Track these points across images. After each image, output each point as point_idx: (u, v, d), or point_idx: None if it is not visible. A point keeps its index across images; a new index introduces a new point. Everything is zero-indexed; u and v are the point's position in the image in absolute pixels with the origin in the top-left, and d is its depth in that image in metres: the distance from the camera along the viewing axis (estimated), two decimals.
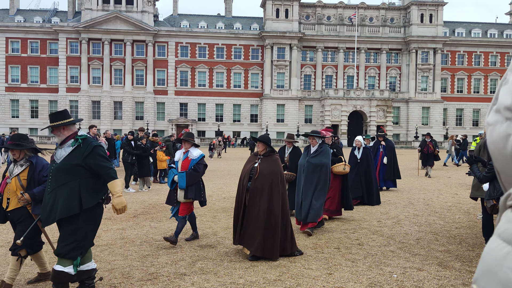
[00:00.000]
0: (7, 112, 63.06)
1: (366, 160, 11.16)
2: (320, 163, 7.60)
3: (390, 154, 13.66)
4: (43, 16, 65.99)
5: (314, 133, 7.91)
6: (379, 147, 13.75)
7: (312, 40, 66.20)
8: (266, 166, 6.14)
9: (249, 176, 6.20)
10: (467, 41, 67.95)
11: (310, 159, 7.67)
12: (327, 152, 7.75)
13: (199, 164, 6.88)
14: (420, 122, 66.30)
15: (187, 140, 7.04)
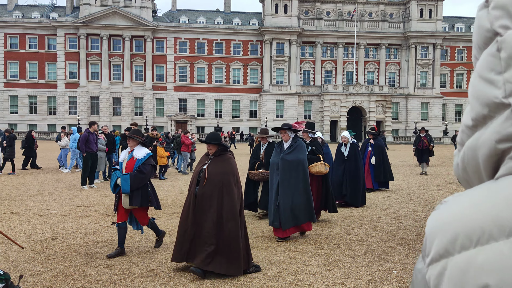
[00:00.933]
0: (6, 108, 62.94)
1: (354, 157, 10.31)
2: (296, 160, 6.78)
3: (379, 153, 12.62)
4: (41, 11, 65.73)
5: (286, 126, 6.99)
6: (368, 146, 12.84)
7: (311, 36, 66.06)
8: (216, 168, 5.33)
9: (197, 180, 5.39)
10: (466, 36, 67.84)
11: (284, 156, 6.77)
12: (302, 147, 6.96)
13: (145, 165, 6.05)
14: (420, 118, 66.29)
15: (132, 137, 6.18)
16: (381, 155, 12.63)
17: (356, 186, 10.07)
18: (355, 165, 10.25)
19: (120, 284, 4.92)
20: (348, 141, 10.40)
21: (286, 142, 6.92)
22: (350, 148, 10.35)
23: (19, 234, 7.21)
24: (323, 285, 4.94)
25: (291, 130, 6.97)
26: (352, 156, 10.27)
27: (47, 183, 14.12)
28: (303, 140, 7.75)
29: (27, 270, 5.39)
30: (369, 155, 12.68)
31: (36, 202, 10.48)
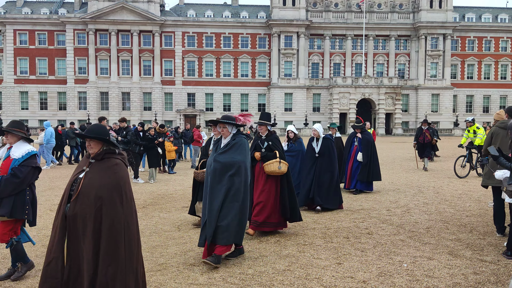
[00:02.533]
0: (17, 104, 63.54)
1: (327, 153, 8.85)
2: (231, 162, 5.37)
3: (367, 150, 10.95)
4: (50, 7, 66.05)
5: (225, 119, 5.59)
6: (354, 141, 11.22)
7: (319, 28, 65.61)
8: (94, 178, 3.70)
9: (69, 193, 3.80)
10: (477, 26, 66.91)
11: (217, 156, 5.43)
12: (241, 146, 5.51)
13: (23, 167, 4.77)
14: (430, 110, 65.68)
15: (10, 132, 4.93)
16: (369, 151, 10.97)
17: (329, 186, 8.73)
18: (328, 163, 8.80)
19: None
20: (319, 135, 8.96)
21: (225, 138, 5.59)
22: (322, 143, 8.89)
23: (30, 230, 7.27)
24: (332, 279, 4.93)
25: (231, 124, 5.56)
26: (325, 152, 8.83)
27: (58, 178, 14.25)
28: (258, 135, 7.09)
29: (37, 265, 5.43)
30: (355, 150, 11.10)
31: (47, 197, 10.57)
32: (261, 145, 6.93)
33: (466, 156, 14.61)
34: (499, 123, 7.11)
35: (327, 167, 8.79)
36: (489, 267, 5.33)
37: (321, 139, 8.96)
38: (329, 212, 8.65)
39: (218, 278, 4.95)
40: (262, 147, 6.86)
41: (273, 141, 6.94)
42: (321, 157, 8.83)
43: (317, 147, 8.90)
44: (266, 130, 7.04)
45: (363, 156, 10.87)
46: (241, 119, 5.69)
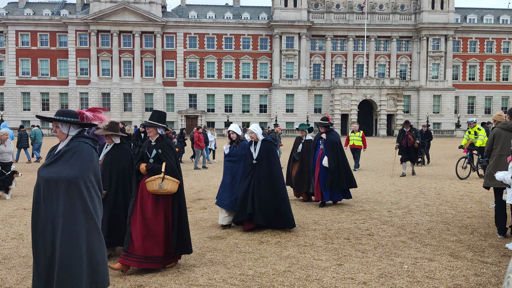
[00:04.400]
0: (19, 105, 63.69)
1: (265, 160, 7.23)
2: (56, 178, 3.62)
3: (333, 152, 9.25)
4: (52, 8, 66.23)
5: (61, 114, 3.94)
6: (319, 143, 9.50)
7: (321, 29, 65.63)
8: None
9: None
10: (479, 27, 66.85)
11: (41, 169, 3.75)
12: (76, 154, 3.72)
13: None
14: (431, 111, 65.63)
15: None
16: (335, 154, 9.29)
17: (271, 200, 7.11)
18: (268, 171, 7.18)
19: (129, 279, 4.94)
20: (257, 138, 7.38)
21: (62, 142, 3.92)
22: (261, 147, 7.30)
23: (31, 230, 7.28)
24: (332, 280, 4.92)
25: (68, 123, 3.89)
26: (264, 158, 7.21)
27: None
28: (147, 141, 5.44)
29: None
30: (321, 154, 9.40)
31: None
32: (149, 153, 5.32)
33: (467, 158, 14.56)
34: (501, 124, 7.10)
35: (266, 176, 7.14)
36: (490, 268, 5.32)
37: (260, 142, 7.35)
38: (329, 213, 8.64)
39: (219, 279, 4.95)
40: (150, 157, 5.29)
41: (163, 148, 5.29)
42: (259, 164, 7.19)
43: (255, 152, 7.29)
44: (156, 133, 5.38)
45: (328, 161, 9.17)
46: (88, 116, 4.02)
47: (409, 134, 15.01)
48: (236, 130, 7.55)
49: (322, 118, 9.82)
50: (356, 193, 11.19)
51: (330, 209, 9.04)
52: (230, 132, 7.57)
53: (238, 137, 7.55)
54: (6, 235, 6.96)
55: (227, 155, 7.53)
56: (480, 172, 14.62)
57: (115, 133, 5.80)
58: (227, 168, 7.48)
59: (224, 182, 7.48)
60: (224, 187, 7.43)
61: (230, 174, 7.42)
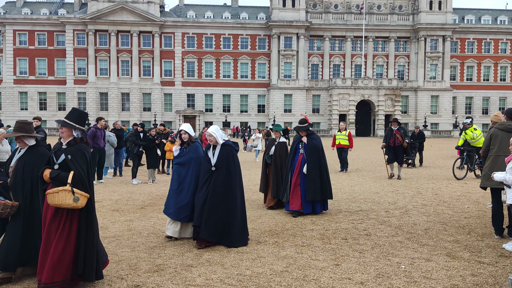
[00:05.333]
0: (16, 105, 63.53)
1: (224, 167, 6.30)
2: None
3: (315, 158, 8.29)
4: (50, 8, 66.09)
5: None
6: (299, 147, 8.47)
7: (319, 29, 65.68)
8: None
9: None
10: (476, 28, 67.00)
11: None
12: None
13: None
14: (429, 111, 65.76)
15: None
16: (317, 160, 8.31)
17: (226, 215, 6.22)
18: (225, 180, 6.27)
19: (127, 279, 4.93)
20: (216, 142, 6.41)
21: None
22: (220, 152, 6.36)
23: None
24: (329, 280, 4.92)
25: None
26: (222, 165, 6.29)
27: None
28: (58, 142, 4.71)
29: None
30: (300, 160, 8.39)
31: None
32: (55, 158, 4.58)
33: (464, 158, 14.55)
34: (497, 124, 7.12)
35: (222, 186, 6.22)
36: (487, 268, 5.33)
37: (219, 146, 6.40)
38: (327, 214, 8.65)
39: (216, 279, 4.94)
40: (56, 162, 4.56)
41: (74, 154, 4.55)
42: (217, 172, 6.26)
43: (213, 157, 6.36)
44: (70, 135, 4.66)
45: (307, 168, 8.27)
46: None
47: (397, 133, 13.94)
48: (188, 130, 6.77)
49: (300, 121, 8.56)
50: (354, 193, 11.20)
51: (328, 209, 9.04)
52: (181, 132, 6.75)
53: (190, 138, 6.77)
54: None
55: (176, 157, 6.73)
56: (477, 172, 14.64)
57: (27, 134, 4.87)
58: (175, 173, 6.69)
59: (170, 188, 6.72)
60: (170, 193, 6.67)
61: (176, 179, 6.61)
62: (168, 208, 6.59)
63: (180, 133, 6.77)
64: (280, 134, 9.37)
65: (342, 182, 13.61)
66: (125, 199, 10.47)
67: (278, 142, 9.27)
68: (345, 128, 16.64)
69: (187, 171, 6.58)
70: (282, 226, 7.54)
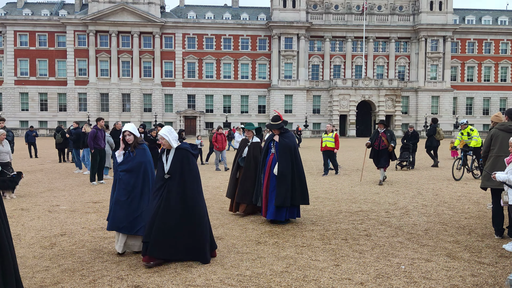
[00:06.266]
0: (17, 105, 63.61)
1: (178, 174, 5.46)
2: None
3: (286, 158, 7.48)
4: (51, 9, 66.19)
5: None
6: (270, 147, 7.78)
7: (319, 30, 65.71)
8: None
9: None
10: (477, 28, 67.00)
11: None
12: None
13: None
14: (430, 112, 65.76)
15: None
16: (289, 161, 7.50)
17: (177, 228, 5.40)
18: (180, 189, 5.45)
19: (127, 280, 4.94)
20: (169, 146, 5.54)
21: None
22: (174, 157, 5.51)
23: (28, 230, 7.28)
24: (329, 280, 4.92)
25: None
26: (176, 172, 5.46)
27: (57, 180, 14.25)
28: None
29: (35, 266, 5.43)
30: (271, 160, 7.66)
31: (46, 198, 10.57)
32: None
33: (461, 159, 14.48)
34: (498, 125, 7.11)
35: (176, 196, 5.42)
36: (487, 269, 5.33)
37: (173, 150, 5.56)
38: (327, 214, 8.65)
39: (216, 279, 4.95)
40: None
41: None
42: (171, 180, 5.47)
43: (166, 163, 5.54)
44: None
45: (278, 169, 7.46)
46: None
47: (383, 135, 12.95)
48: (133, 130, 5.80)
49: (273, 118, 7.78)
50: (354, 194, 11.21)
51: (328, 210, 9.05)
52: (125, 134, 5.78)
53: (135, 140, 5.82)
54: None
55: (121, 163, 5.79)
56: (475, 173, 14.62)
57: None
58: (122, 182, 5.72)
59: (117, 198, 5.75)
60: (119, 204, 5.73)
61: (125, 188, 5.71)
62: (118, 222, 5.69)
63: (124, 134, 5.79)
64: (253, 133, 8.63)
65: (343, 183, 13.61)
66: None
67: (252, 143, 8.54)
68: (331, 129, 15.69)
69: (137, 178, 5.75)
70: (282, 226, 7.55)
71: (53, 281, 4.89)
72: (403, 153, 17.47)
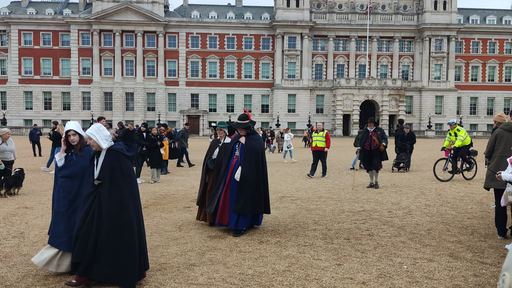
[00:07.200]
0: (21, 104, 63.86)
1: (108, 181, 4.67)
2: None
3: (251, 162, 6.81)
4: (55, 8, 66.40)
5: None
6: (235, 149, 7.08)
7: (323, 29, 65.63)
8: None
9: None
10: (481, 28, 66.77)
11: None
12: None
13: None
14: (434, 111, 65.61)
15: None
16: (254, 165, 6.84)
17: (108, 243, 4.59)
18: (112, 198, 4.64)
19: None
20: (99, 147, 4.72)
21: None
22: (104, 161, 4.71)
23: (32, 228, 7.31)
24: (331, 280, 4.93)
25: None
26: (106, 178, 4.66)
27: None
28: None
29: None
30: (234, 165, 6.96)
31: (49, 197, 10.61)
32: None
33: (448, 159, 14.08)
34: (503, 125, 7.09)
35: (106, 207, 4.61)
36: (489, 269, 5.32)
37: (104, 152, 4.74)
38: (330, 214, 8.65)
39: (218, 278, 4.96)
40: None
41: None
42: (102, 187, 4.67)
43: (96, 167, 4.73)
44: None
45: (241, 174, 6.75)
46: None
47: (374, 134, 12.06)
48: (79, 130, 5.00)
49: (240, 117, 7.08)
50: (357, 194, 11.19)
51: (331, 209, 9.05)
52: (70, 133, 5.00)
53: (80, 141, 5.03)
54: (8, 233, 6.99)
55: (62, 168, 4.99)
56: (465, 174, 14.33)
57: None
58: (62, 189, 4.95)
59: (57, 210, 4.97)
60: (58, 217, 4.95)
61: (66, 197, 4.94)
62: (58, 237, 4.90)
63: (68, 134, 4.99)
64: (225, 133, 7.62)
65: (346, 182, 13.60)
66: None
67: (223, 144, 7.50)
68: (322, 128, 14.96)
69: (80, 186, 4.96)
70: (284, 226, 7.56)
71: (56, 280, 4.92)
72: (400, 154, 16.86)
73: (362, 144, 12.12)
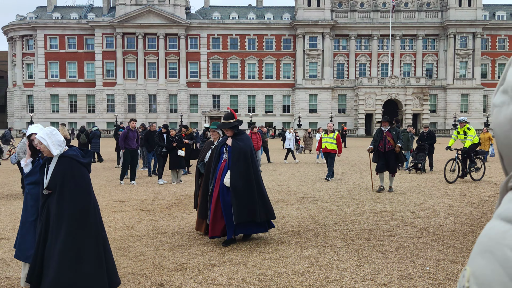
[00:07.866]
0: (48, 107, 65.43)
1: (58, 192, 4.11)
2: None
3: (240, 166, 6.27)
4: (79, 12, 67.79)
5: None
6: (222, 151, 6.53)
7: (344, 28, 65.11)
8: None
9: None
10: (508, 24, 65.09)
11: None
12: None
13: None
14: (459, 110, 64.29)
15: None
16: (243, 168, 6.28)
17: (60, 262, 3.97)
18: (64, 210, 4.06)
19: (151, 277, 5.03)
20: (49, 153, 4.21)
21: None
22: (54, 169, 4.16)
23: None
24: (352, 281, 4.89)
25: None
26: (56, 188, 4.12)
27: None
28: None
29: None
30: (222, 170, 6.40)
31: None
32: None
33: (455, 160, 13.42)
34: None
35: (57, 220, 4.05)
36: None
37: (55, 159, 4.19)
38: (351, 214, 8.58)
39: (238, 278, 4.99)
40: None
41: None
42: (51, 198, 4.13)
43: (46, 175, 4.19)
44: None
45: (231, 179, 6.21)
46: None
47: (388, 135, 11.15)
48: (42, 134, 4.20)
49: (225, 116, 6.53)
50: (379, 194, 11.06)
51: (352, 210, 8.97)
52: (32, 138, 4.61)
53: None
54: None
55: (28, 174, 4.69)
56: (473, 175, 13.67)
57: None
58: (30, 197, 4.61)
59: (25, 219, 4.64)
60: (26, 228, 4.61)
61: (34, 205, 4.57)
62: (25, 250, 4.53)
63: (31, 138, 4.59)
64: (219, 134, 7.07)
65: (367, 182, 13.45)
66: (151, 199, 10.65)
67: (216, 146, 6.90)
68: (333, 129, 14.12)
69: None
70: (305, 226, 7.54)
71: None
72: (418, 154, 15.84)
73: (376, 145, 11.19)
